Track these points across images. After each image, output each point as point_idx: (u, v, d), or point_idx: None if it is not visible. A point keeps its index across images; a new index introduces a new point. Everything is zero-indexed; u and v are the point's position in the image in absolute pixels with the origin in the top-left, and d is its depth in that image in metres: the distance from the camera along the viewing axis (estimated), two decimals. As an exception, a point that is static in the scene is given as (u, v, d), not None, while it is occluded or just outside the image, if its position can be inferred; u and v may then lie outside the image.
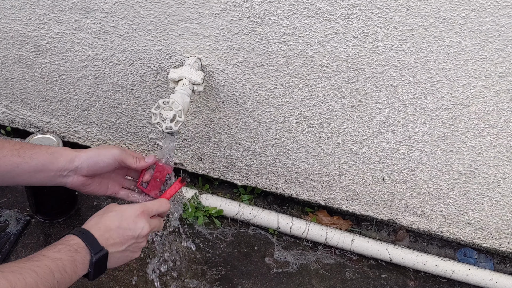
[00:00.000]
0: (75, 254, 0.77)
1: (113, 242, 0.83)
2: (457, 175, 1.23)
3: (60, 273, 0.73)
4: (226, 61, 1.09)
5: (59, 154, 0.88)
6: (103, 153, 0.91)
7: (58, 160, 0.88)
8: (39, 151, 0.87)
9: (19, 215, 1.33)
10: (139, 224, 0.85)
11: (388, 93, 1.07)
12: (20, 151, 0.85)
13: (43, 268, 0.72)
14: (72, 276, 0.76)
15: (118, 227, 0.83)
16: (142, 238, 0.87)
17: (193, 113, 1.25)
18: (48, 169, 0.88)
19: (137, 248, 0.88)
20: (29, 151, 0.86)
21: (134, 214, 0.86)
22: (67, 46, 1.17)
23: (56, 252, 0.76)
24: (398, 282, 1.35)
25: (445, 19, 0.91)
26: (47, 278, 0.71)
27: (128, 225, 0.84)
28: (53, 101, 1.34)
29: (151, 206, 0.90)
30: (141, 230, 0.85)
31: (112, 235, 0.83)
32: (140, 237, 0.86)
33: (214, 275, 1.30)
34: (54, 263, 0.74)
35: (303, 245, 1.40)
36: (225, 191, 1.49)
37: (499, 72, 0.98)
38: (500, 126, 1.09)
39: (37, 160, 0.86)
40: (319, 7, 0.94)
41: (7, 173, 0.85)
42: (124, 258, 0.86)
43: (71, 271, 0.76)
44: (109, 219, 0.84)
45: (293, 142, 1.26)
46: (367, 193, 1.35)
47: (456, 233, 1.40)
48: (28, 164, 0.86)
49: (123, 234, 0.84)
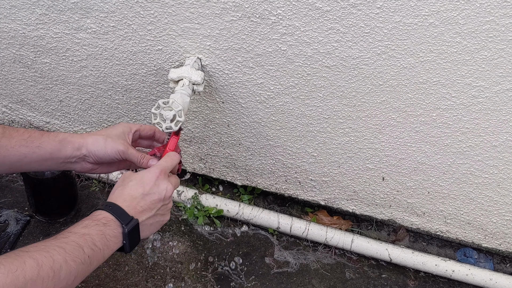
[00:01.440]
0: (104, 228, 0.75)
1: (141, 210, 0.81)
2: (457, 175, 1.23)
3: (90, 248, 0.72)
4: (226, 61, 1.09)
5: (67, 142, 0.89)
6: (109, 147, 0.90)
7: (66, 148, 0.89)
8: (47, 140, 0.87)
9: (19, 215, 1.33)
10: (162, 186, 0.84)
11: (388, 93, 1.07)
12: (28, 141, 0.86)
13: (70, 244, 0.70)
14: (104, 251, 0.74)
15: (142, 193, 0.82)
16: (169, 199, 0.86)
17: (193, 113, 1.25)
18: (56, 157, 0.88)
19: (166, 210, 0.87)
20: (37, 140, 0.86)
21: (154, 177, 0.84)
22: (67, 46, 1.17)
23: (83, 227, 0.74)
24: (398, 282, 1.35)
25: (445, 19, 0.91)
26: (76, 253, 0.70)
27: (151, 189, 0.83)
28: (53, 101, 1.34)
29: (165, 164, 0.89)
30: (165, 191, 0.84)
31: (140, 203, 0.81)
32: (166, 198, 0.85)
33: (214, 275, 1.30)
34: (82, 238, 0.72)
35: (303, 245, 1.40)
36: (225, 191, 1.49)
37: (499, 72, 0.98)
38: (500, 126, 1.09)
39: (45, 149, 0.87)
40: (319, 7, 0.94)
41: (16, 162, 0.86)
42: (156, 224, 0.85)
43: (102, 245, 0.74)
44: (131, 188, 0.83)
45: (293, 142, 1.26)
46: (367, 193, 1.35)
47: (456, 233, 1.40)
48: (36, 154, 0.86)
49: (149, 199, 0.83)
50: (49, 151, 0.87)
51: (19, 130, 0.87)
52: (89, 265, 0.72)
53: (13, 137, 0.85)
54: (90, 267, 0.72)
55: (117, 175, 1.42)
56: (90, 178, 1.45)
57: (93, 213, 0.79)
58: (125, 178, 0.85)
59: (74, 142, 0.89)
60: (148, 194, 0.83)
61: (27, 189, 1.31)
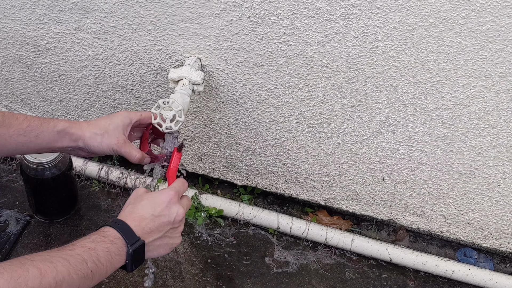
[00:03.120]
0: (110, 246, 0.75)
1: (149, 231, 0.81)
2: (457, 175, 1.23)
3: (94, 263, 0.72)
4: (226, 61, 1.09)
5: (65, 133, 0.89)
6: (105, 144, 0.91)
7: (63, 140, 0.90)
8: (46, 130, 0.88)
9: (19, 215, 1.33)
10: (173, 209, 0.84)
11: (388, 93, 1.07)
12: (26, 131, 0.86)
13: (75, 257, 0.70)
14: (107, 268, 0.74)
15: (152, 215, 0.82)
16: (179, 223, 0.85)
17: (193, 113, 1.25)
18: (54, 147, 0.90)
19: (176, 233, 0.86)
20: (35, 130, 0.87)
21: (167, 199, 0.84)
22: (67, 46, 1.17)
23: (90, 242, 0.74)
24: (398, 282, 1.35)
25: (445, 19, 0.91)
26: (79, 267, 0.70)
27: (162, 211, 0.83)
28: (53, 101, 1.34)
29: (178, 187, 0.88)
30: (175, 214, 0.84)
31: (148, 224, 0.81)
32: (176, 222, 0.84)
33: (214, 275, 1.30)
34: (88, 253, 0.72)
35: (303, 245, 1.40)
36: (225, 191, 1.49)
37: (499, 72, 0.98)
38: (500, 126, 1.09)
39: (42, 139, 0.88)
40: (319, 7, 0.94)
41: (14, 150, 0.88)
42: (165, 246, 0.84)
43: (106, 262, 0.74)
44: (142, 208, 0.82)
45: (293, 142, 1.26)
46: (367, 193, 1.35)
47: (456, 233, 1.40)
48: (33, 143, 0.88)
49: (158, 221, 0.82)
50: (46, 141, 0.88)
51: (18, 117, 0.87)
52: (91, 279, 0.72)
53: (12, 125, 0.86)
54: (91, 282, 0.72)
55: (117, 175, 1.42)
56: (90, 178, 1.45)
57: (102, 228, 0.79)
58: (138, 196, 0.85)
59: (72, 134, 0.90)
60: (159, 216, 0.82)
61: (27, 189, 1.31)
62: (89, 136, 0.90)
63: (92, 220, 1.37)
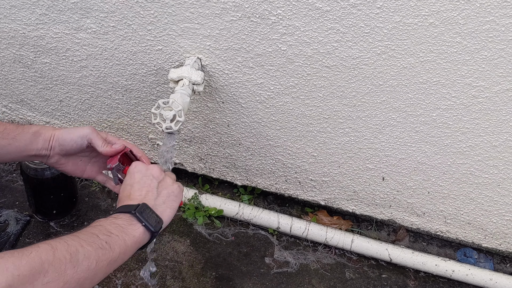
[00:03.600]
0: (115, 220, 0.77)
1: (143, 196, 0.84)
2: (457, 175, 1.23)
3: (105, 235, 0.73)
4: (226, 61, 1.09)
5: (39, 133, 0.91)
6: (73, 132, 0.92)
7: (38, 140, 0.91)
8: (22, 132, 0.89)
9: (19, 215, 1.33)
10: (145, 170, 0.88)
11: (388, 93, 1.07)
12: (4, 133, 0.88)
13: (83, 233, 0.72)
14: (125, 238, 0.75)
15: (134, 183, 0.86)
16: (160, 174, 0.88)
17: (193, 113, 1.25)
18: (30, 149, 0.91)
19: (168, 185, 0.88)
20: (12, 132, 0.89)
21: (139, 167, 0.88)
22: (67, 46, 1.17)
23: (94, 227, 0.76)
24: (398, 282, 1.35)
25: (445, 19, 0.91)
26: (91, 239, 0.71)
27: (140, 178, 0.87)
28: (53, 101, 1.34)
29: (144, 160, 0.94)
30: (150, 170, 0.88)
31: (135, 193, 0.84)
32: (156, 175, 0.87)
33: (214, 275, 1.30)
34: (96, 228, 0.74)
35: (303, 245, 1.40)
36: (225, 191, 1.49)
37: (499, 72, 0.98)
38: (500, 126, 1.09)
39: (19, 141, 0.89)
40: (319, 7, 0.94)
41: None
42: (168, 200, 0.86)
43: (118, 232, 0.75)
44: (125, 188, 0.86)
45: (293, 142, 1.26)
46: (367, 193, 1.35)
47: (456, 233, 1.40)
48: (12, 146, 0.88)
49: (142, 183, 0.86)
50: (23, 143, 0.89)
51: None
52: (109, 250, 0.72)
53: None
54: (111, 253, 0.72)
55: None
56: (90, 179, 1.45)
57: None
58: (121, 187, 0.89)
59: (45, 134, 0.91)
60: (139, 181, 0.86)
61: (27, 189, 1.31)
62: (59, 131, 0.92)
63: (92, 220, 1.37)
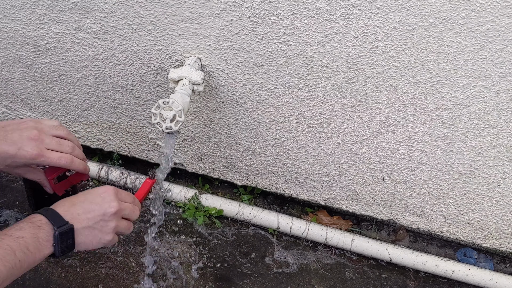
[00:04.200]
0: (37, 231, 0.75)
1: (77, 216, 0.78)
2: (457, 175, 1.23)
3: (23, 252, 0.72)
4: (226, 61, 1.09)
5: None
6: None
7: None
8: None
9: (19, 215, 1.33)
10: (106, 199, 0.81)
11: (388, 93, 1.07)
12: None
13: (3, 248, 0.70)
14: (36, 254, 0.74)
15: (83, 201, 0.80)
16: (111, 217, 0.81)
17: (193, 113, 1.25)
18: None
19: (106, 228, 0.81)
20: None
21: (101, 191, 0.82)
22: (67, 46, 1.17)
23: (18, 230, 0.74)
24: (398, 282, 1.35)
25: (445, 19, 0.91)
26: (7, 258, 0.70)
27: (94, 199, 0.81)
28: (53, 101, 1.34)
29: (123, 192, 0.86)
30: (108, 206, 0.80)
31: (77, 210, 0.79)
32: (108, 214, 0.80)
33: (214, 275, 1.30)
34: (16, 242, 0.72)
35: (303, 245, 1.40)
36: (225, 191, 1.49)
37: (499, 72, 0.98)
38: (500, 126, 1.09)
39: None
40: (319, 7, 0.94)
41: None
42: (94, 238, 0.80)
43: (34, 249, 0.73)
44: (76, 197, 0.81)
45: (293, 142, 1.26)
46: (367, 193, 1.35)
47: (456, 233, 1.39)
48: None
49: (88, 208, 0.80)
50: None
51: None
52: (19, 269, 0.72)
53: None
54: (19, 271, 0.72)
55: (117, 175, 1.42)
56: (90, 178, 1.45)
57: (30, 216, 0.78)
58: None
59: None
60: (90, 202, 0.80)
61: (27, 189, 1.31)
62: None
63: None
